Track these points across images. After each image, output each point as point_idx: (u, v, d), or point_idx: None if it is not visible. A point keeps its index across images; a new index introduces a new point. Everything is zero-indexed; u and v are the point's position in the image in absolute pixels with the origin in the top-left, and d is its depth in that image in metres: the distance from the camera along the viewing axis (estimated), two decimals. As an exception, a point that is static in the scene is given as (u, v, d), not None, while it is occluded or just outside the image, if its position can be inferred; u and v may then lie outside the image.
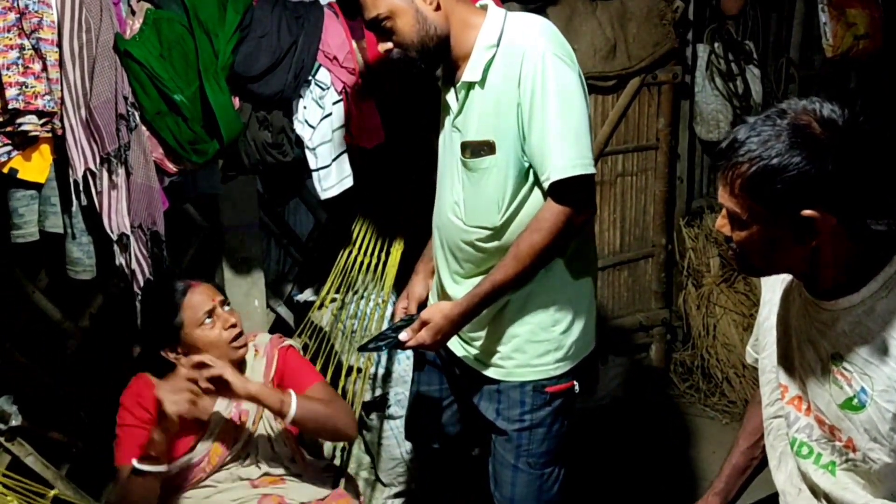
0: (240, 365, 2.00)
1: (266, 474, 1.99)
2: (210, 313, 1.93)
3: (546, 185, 1.73)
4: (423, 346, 1.81)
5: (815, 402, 1.37)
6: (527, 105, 1.71)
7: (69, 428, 2.50)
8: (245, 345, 1.98)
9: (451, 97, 1.85)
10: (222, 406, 1.99)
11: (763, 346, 1.52)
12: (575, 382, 1.93)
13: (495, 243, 1.84)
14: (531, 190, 1.81)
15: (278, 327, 2.80)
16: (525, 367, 1.89)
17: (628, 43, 3.20)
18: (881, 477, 1.31)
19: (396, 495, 2.74)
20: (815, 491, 1.41)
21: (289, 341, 2.13)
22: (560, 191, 1.72)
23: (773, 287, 1.49)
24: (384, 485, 2.75)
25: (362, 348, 1.90)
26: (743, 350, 3.66)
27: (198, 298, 1.94)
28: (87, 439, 2.50)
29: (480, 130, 1.78)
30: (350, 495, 2.02)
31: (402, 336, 1.80)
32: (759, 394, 1.56)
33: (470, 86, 1.78)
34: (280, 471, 2.01)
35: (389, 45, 1.76)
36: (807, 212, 1.21)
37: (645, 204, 3.47)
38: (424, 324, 1.79)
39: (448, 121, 1.87)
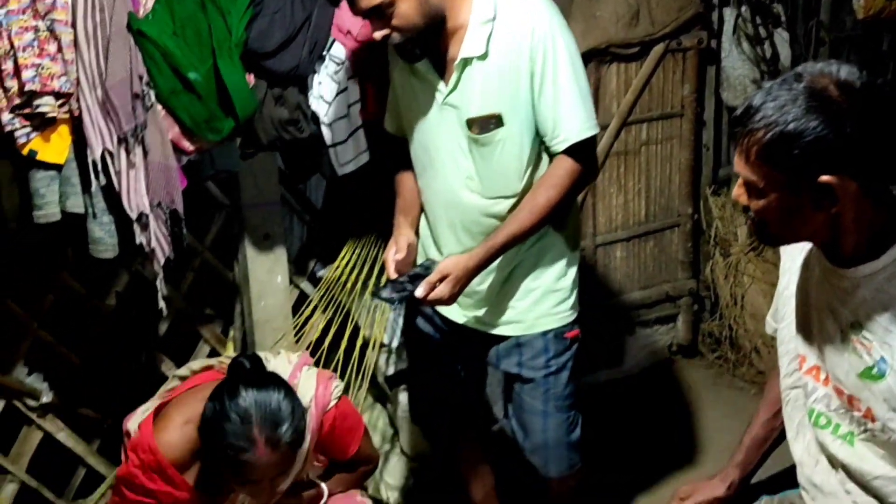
0: None
1: None
2: (252, 484, 1.62)
3: (562, 146, 1.81)
4: (440, 300, 1.80)
5: (833, 372, 1.35)
6: (538, 71, 1.78)
7: (99, 404, 2.56)
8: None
9: (432, 75, 1.85)
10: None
11: (782, 315, 1.49)
12: (579, 330, 2.07)
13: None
14: (546, 151, 1.88)
15: (302, 302, 2.82)
16: (546, 316, 2.00)
17: (651, 8, 3.13)
18: None
19: (419, 466, 2.76)
20: (832, 461, 1.39)
21: (334, 398, 1.81)
22: (574, 151, 1.82)
23: (792, 255, 1.46)
24: (408, 456, 2.77)
25: (375, 295, 1.89)
26: (772, 319, 3.61)
27: (251, 471, 1.58)
28: (117, 415, 2.55)
29: (485, 104, 1.82)
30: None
31: (419, 292, 1.76)
32: (778, 364, 1.54)
33: (467, 61, 1.80)
34: None
35: (387, 30, 1.76)
36: (825, 178, 1.18)
37: (670, 173, 3.42)
38: (443, 277, 1.79)
39: (436, 99, 1.87)
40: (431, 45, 1.83)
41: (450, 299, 1.82)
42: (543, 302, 1.99)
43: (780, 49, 3.58)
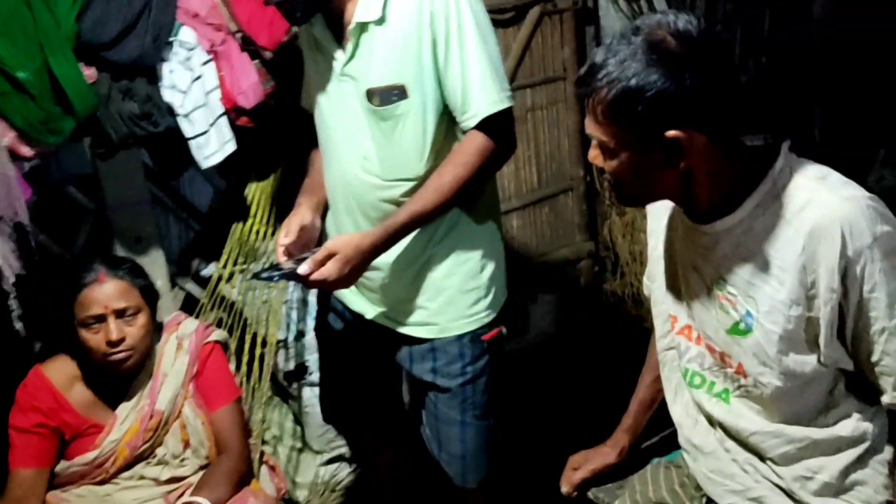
0: (124, 376, 1.85)
1: (173, 478, 1.88)
2: (97, 318, 1.78)
3: (472, 122, 1.65)
4: (326, 282, 1.60)
5: (704, 330, 1.33)
6: (442, 40, 1.62)
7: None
8: (125, 357, 1.80)
9: (330, 42, 1.71)
10: (132, 404, 1.87)
11: (654, 276, 1.47)
12: (503, 327, 1.90)
13: None
14: (453, 130, 1.72)
15: (189, 304, 2.70)
16: (460, 319, 1.83)
17: (523, -29, 3.09)
18: (773, 401, 1.28)
19: (329, 461, 2.68)
20: (710, 420, 1.38)
21: (215, 335, 1.97)
22: (486, 126, 1.66)
23: (657, 215, 1.43)
24: (315, 452, 2.69)
25: (255, 276, 1.69)
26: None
27: (92, 298, 1.78)
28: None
29: (386, 74, 1.65)
30: (262, 491, 1.92)
31: (302, 269, 1.56)
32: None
33: (364, 27, 1.64)
34: (187, 471, 1.90)
35: None
36: (671, 132, 1.15)
37: (559, 137, 3.40)
38: (330, 256, 1.60)
39: (333, 70, 1.72)
40: (325, 8, 1.66)
41: (339, 282, 1.61)
42: (457, 302, 1.81)
43: (656, 4, 3.60)
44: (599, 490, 1.64)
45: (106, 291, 1.79)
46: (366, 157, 1.73)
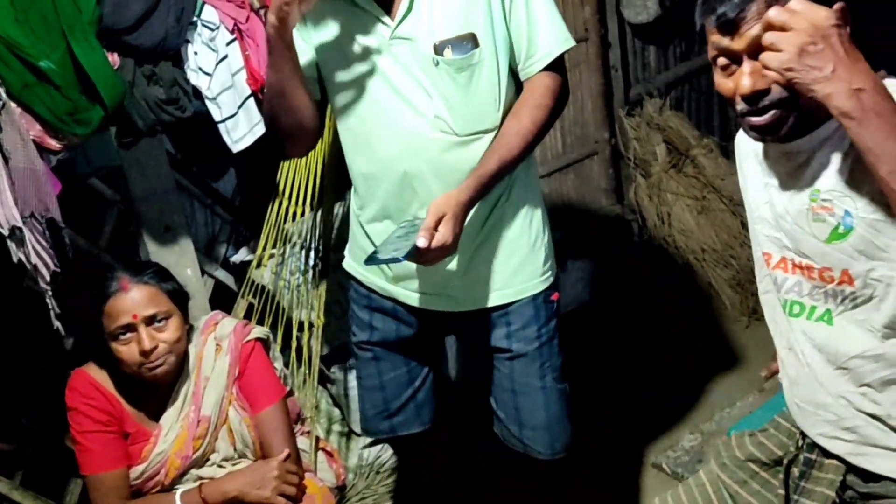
0: (170, 377, 1.77)
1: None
2: (127, 329, 1.68)
3: (545, 61, 1.66)
4: (444, 246, 1.53)
5: (800, 251, 1.27)
6: None
7: (13, 436, 2.35)
8: (161, 366, 1.71)
9: (374, 8, 1.61)
10: (175, 412, 1.79)
11: (752, 234, 1.41)
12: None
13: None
14: (516, 79, 1.71)
15: (219, 292, 2.65)
16: (534, 278, 1.78)
17: (540, -70, 2.99)
18: (886, 300, 1.21)
19: (372, 444, 2.65)
20: (811, 346, 1.32)
21: (255, 332, 1.87)
22: (554, 67, 1.68)
23: (745, 174, 1.38)
24: (357, 435, 2.66)
25: (370, 260, 1.55)
26: (700, 233, 3.60)
27: (119, 307, 1.68)
28: (35, 444, 2.36)
29: (454, 24, 1.60)
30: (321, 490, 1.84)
31: (421, 242, 1.49)
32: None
33: None
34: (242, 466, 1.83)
35: None
36: None
37: (582, 100, 3.32)
38: (440, 218, 1.54)
39: (380, 36, 1.62)
40: None
41: (454, 242, 1.55)
42: (530, 262, 1.76)
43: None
44: (677, 465, 1.59)
45: (133, 299, 1.69)
46: (438, 117, 1.65)
